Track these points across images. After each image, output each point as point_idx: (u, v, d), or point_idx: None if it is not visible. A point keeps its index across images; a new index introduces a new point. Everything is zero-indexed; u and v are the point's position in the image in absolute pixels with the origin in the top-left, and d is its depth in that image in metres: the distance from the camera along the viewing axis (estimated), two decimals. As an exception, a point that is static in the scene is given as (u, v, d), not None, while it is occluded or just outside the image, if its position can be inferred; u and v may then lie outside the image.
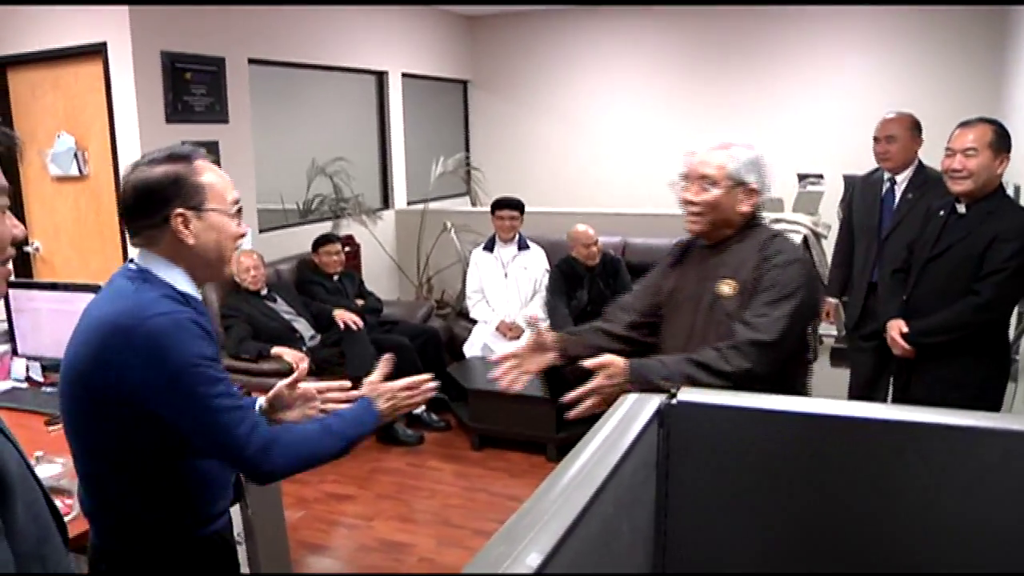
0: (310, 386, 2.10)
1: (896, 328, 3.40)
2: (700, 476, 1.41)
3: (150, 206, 1.70)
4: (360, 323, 5.33)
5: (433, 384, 2.08)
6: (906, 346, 3.35)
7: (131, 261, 1.78)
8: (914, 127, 4.03)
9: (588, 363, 2.21)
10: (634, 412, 1.33)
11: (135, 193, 1.71)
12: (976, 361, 3.23)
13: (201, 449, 1.72)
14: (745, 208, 2.34)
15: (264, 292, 5.26)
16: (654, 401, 1.37)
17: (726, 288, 2.32)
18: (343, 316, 5.32)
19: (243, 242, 5.56)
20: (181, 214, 1.71)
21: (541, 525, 0.93)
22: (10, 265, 1.29)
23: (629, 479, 1.22)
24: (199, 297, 1.79)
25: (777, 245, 2.32)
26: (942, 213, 3.33)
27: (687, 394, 1.40)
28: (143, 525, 1.75)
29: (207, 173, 1.75)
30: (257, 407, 2.05)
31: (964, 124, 3.23)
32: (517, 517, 0.95)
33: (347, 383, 2.15)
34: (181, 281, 1.74)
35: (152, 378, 1.61)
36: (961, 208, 3.23)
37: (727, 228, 2.37)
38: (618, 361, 2.21)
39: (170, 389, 1.62)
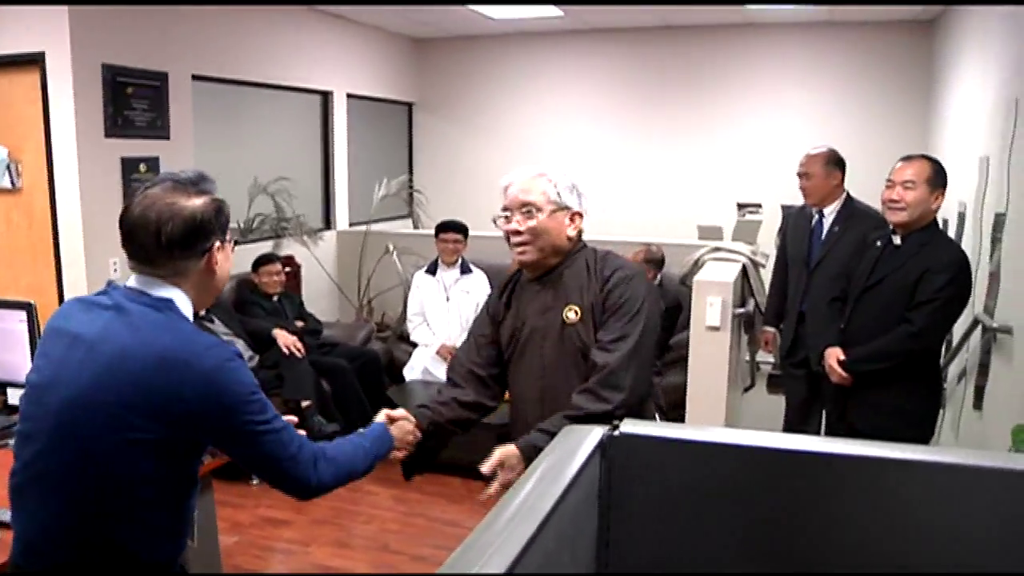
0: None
1: (833, 356, 3.48)
2: (642, 507, 1.42)
3: (197, 238, 1.69)
4: (301, 349, 5.27)
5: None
6: (843, 373, 3.43)
7: (127, 287, 1.72)
8: (829, 162, 4.13)
9: (485, 468, 2.26)
10: (576, 443, 1.33)
11: (184, 225, 1.67)
12: (910, 389, 3.33)
13: (253, 470, 1.82)
14: (571, 232, 2.35)
15: (202, 313, 5.17)
16: (596, 433, 1.38)
17: (572, 314, 2.31)
18: (284, 339, 5.25)
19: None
20: (219, 245, 1.73)
21: (484, 559, 0.92)
22: None
23: (572, 511, 1.22)
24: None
25: (612, 262, 2.35)
26: (879, 244, 3.43)
27: (629, 426, 1.40)
28: (127, 556, 1.69)
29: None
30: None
31: (906, 159, 3.35)
32: (461, 551, 0.94)
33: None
34: (189, 310, 1.73)
35: (210, 410, 1.62)
36: (897, 240, 3.34)
37: (555, 256, 2.36)
38: (511, 450, 2.25)
39: (228, 420, 1.65)
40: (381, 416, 2.29)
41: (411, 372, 5.73)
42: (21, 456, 1.70)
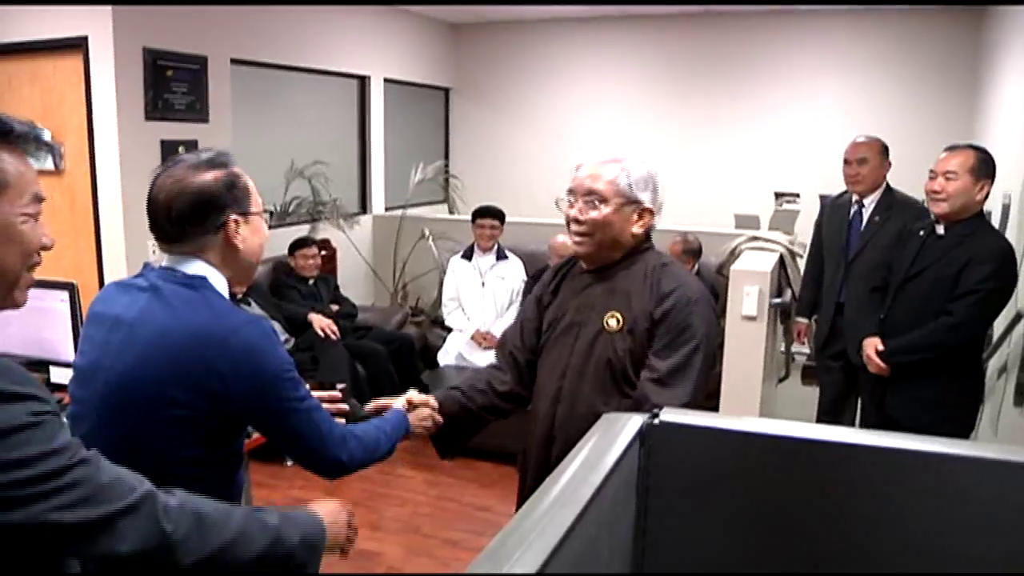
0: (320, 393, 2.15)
1: (872, 346, 3.45)
2: (679, 496, 1.41)
3: (207, 213, 1.70)
4: (336, 332, 5.31)
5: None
6: (881, 364, 3.40)
7: (164, 267, 1.74)
8: (883, 151, 4.10)
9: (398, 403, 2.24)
10: (616, 431, 1.33)
11: (190, 200, 1.69)
12: (950, 382, 3.29)
13: (284, 448, 1.81)
14: (637, 230, 2.16)
15: (239, 295, 5.23)
16: (636, 420, 1.37)
17: (613, 322, 2.14)
18: (319, 322, 5.30)
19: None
20: (235, 219, 1.72)
21: (526, 545, 0.92)
22: (34, 273, 1.31)
23: (611, 498, 1.21)
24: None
25: (671, 277, 2.14)
26: (921, 234, 3.39)
27: (669, 414, 1.40)
28: None
29: (246, 177, 1.78)
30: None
31: (950, 149, 3.30)
32: (503, 537, 0.94)
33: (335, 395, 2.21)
34: (224, 288, 1.74)
35: (246, 386, 1.63)
36: (940, 230, 3.29)
37: (615, 251, 2.18)
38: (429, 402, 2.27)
39: (263, 396, 1.66)
40: (401, 401, 2.23)
41: (445, 357, 5.75)
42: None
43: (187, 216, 1.69)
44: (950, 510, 1.31)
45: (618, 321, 2.13)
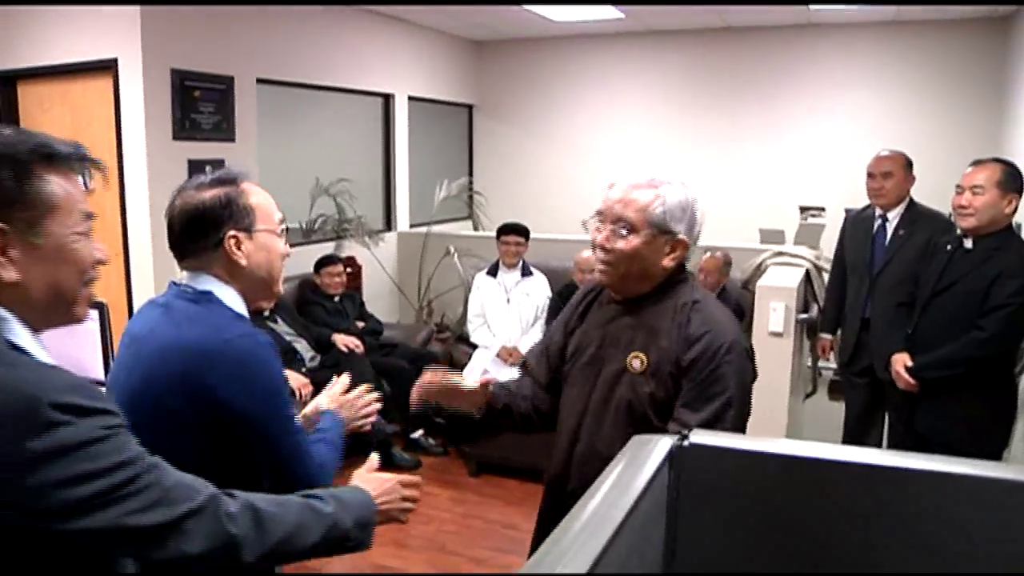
0: (346, 396, 2.15)
1: (900, 362, 3.42)
2: (708, 518, 1.40)
3: (205, 229, 1.72)
4: (360, 345, 5.33)
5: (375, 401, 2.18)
6: (910, 380, 3.37)
7: (180, 284, 1.78)
8: (908, 165, 4.08)
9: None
10: (646, 453, 1.32)
11: (187, 217, 1.73)
12: (981, 397, 3.26)
13: (270, 467, 1.75)
14: (668, 263, 1.98)
15: (265, 313, 5.26)
16: (665, 442, 1.37)
17: (636, 363, 1.98)
18: (343, 340, 5.32)
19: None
20: (234, 236, 1.73)
21: (561, 567, 0.93)
22: (92, 288, 1.34)
23: (642, 521, 1.21)
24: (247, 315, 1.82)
25: (702, 317, 1.96)
26: (949, 248, 3.36)
27: (699, 436, 1.39)
28: None
29: (255, 195, 1.79)
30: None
31: (976, 163, 3.28)
32: (535, 561, 0.95)
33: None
34: (238, 303, 1.77)
35: (241, 400, 1.64)
36: (968, 244, 3.27)
37: (643, 283, 2.01)
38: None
39: (259, 410, 1.66)
40: (326, 400, 2.13)
41: (471, 374, 5.73)
42: None
43: (187, 233, 1.74)
44: (988, 535, 1.29)
45: (642, 363, 1.97)
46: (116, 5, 4.88)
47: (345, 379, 2.17)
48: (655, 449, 1.33)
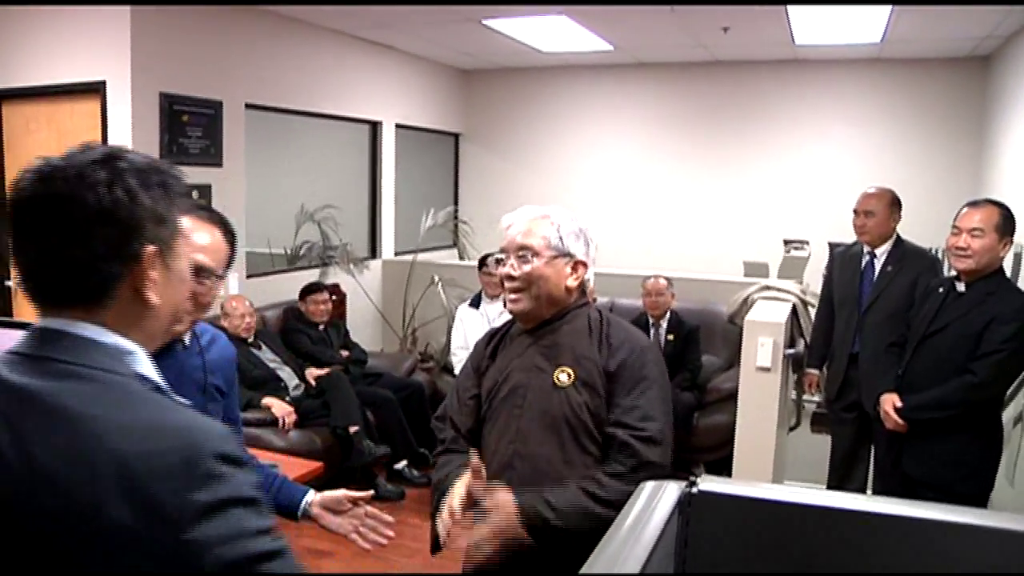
0: (367, 508, 2.10)
1: (890, 402, 3.42)
2: (716, 565, 1.38)
3: None
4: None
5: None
6: (899, 420, 3.37)
7: None
8: (892, 203, 4.11)
9: (456, 503, 1.97)
10: (654, 500, 1.30)
11: None
12: (970, 439, 3.26)
13: None
14: (572, 283, 2.13)
15: (250, 339, 5.21)
16: (673, 489, 1.35)
17: (564, 377, 2.07)
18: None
19: (231, 287, 5.47)
20: None
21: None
22: None
23: (652, 568, 1.19)
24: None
25: (619, 330, 2.12)
26: (941, 290, 3.37)
27: (708, 483, 1.37)
28: None
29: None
30: (307, 498, 2.10)
31: (972, 204, 3.29)
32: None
33: (391, 519, 2.11)
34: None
35: None
36: (961, 287, 3.28)
37: (552, 306, 2.13)
38: (509, 500, 1.93)
39: None
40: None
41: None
42: None
43: None
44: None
45: (569, 376, 2.06)
46: (106, 4, 4.87)
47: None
48: (663, 497, 1.32)
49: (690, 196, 8.13)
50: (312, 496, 2.10)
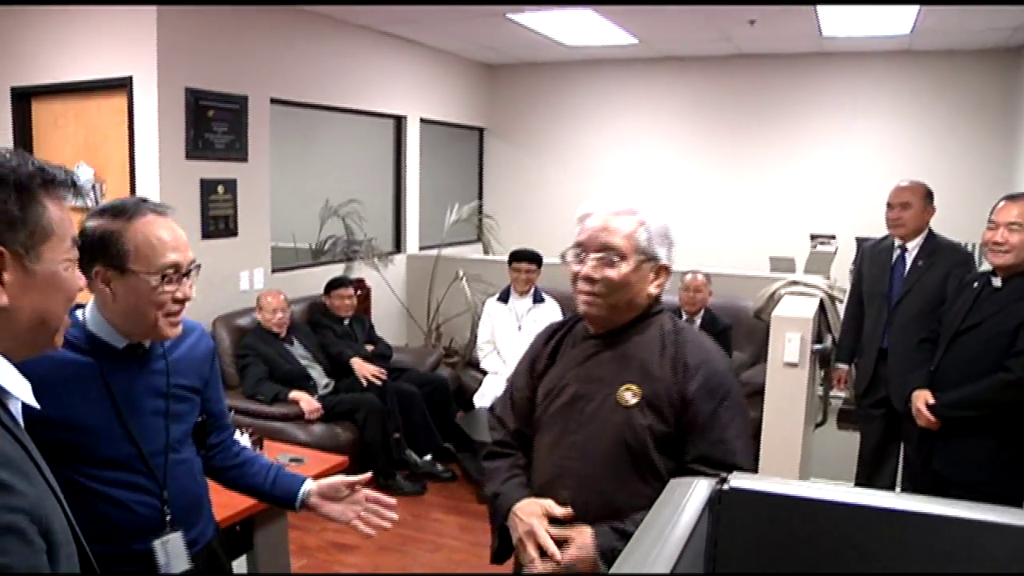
0: (366, 492, 2.09)
1: (922, 398, 3.36)
2: (747, 565, 1.36)
3: (81, 256, 1.73)
4: (384, 376, 5.28)
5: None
6: (931, 417, 3.31)
7: None
8: (927, 196, 4.05)
9: (553, 550, 1.79)
10: (685, 499, 1.29)
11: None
12: (1004, 440, 3.17)
13: None
14: (653, 290, 1.92)
15: (282, 334, 5.23)
16: (703, 486, 1.33)
17: (629, 396, 1.85)
18: (365, 370, 5.28)
19: (257, 281, 5.49)
20: (100, 272, 1.72)
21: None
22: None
23: (683, 567, 1.17)
24: (122, 344, 1.80)
25: (694, 347, 1.90)
26: (975, 285, 3.30)
27: (738, 480, 1.35)
28: None
29: (142, 234, 1.73)
30: (304, 487, 2.08)
31: (1010, 198, 3.22)
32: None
33: (393, 501, 2.11)
34: (96, 323, 1.79)
35: None
36: (997, 282, 3.21)
37: (628, 313, 1.92)
38: (587, 538, 1.79)
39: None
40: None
41: (481, 399, 5.70)
42: None
43: None
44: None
45: (634, 394, 1.85)
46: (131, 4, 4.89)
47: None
48: (694, 494, 1.30)
49: (715, 191, 8.07)
50: (310, 485, 2.08)
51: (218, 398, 2.12)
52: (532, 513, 1.87)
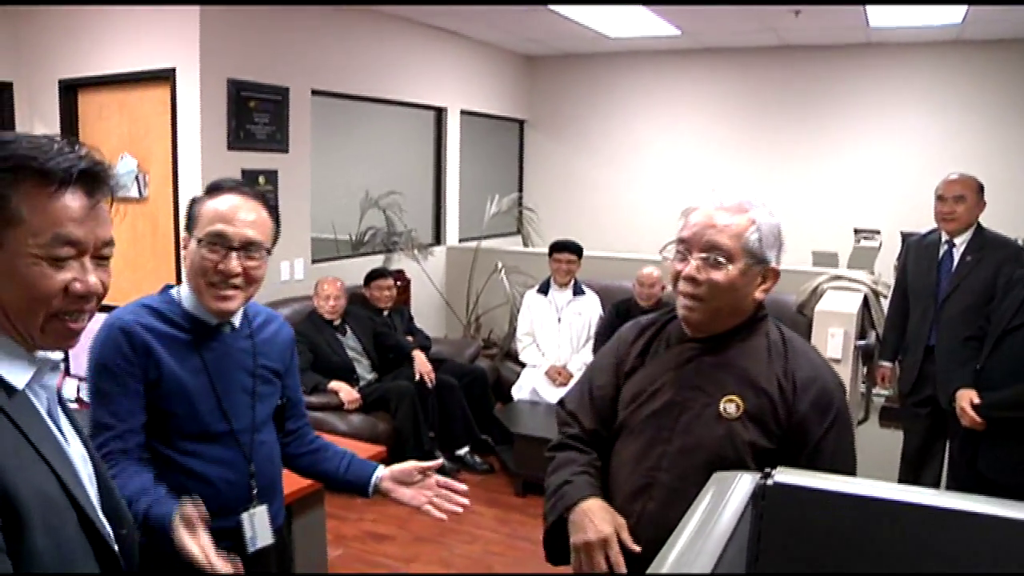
0: (438, 477, 2.10)
1: (967, 398, 3.29)
2: (792, 562, 1.33)
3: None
4: (433, 377, 5.30)
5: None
6: (976, 417, 3.24)
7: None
8: (980, 190, 3.96)
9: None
10: (727, 494, 1.26)
11: None
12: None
13: None
14: (760, 294, 1.78)
15: (336, 322, 5.26)
16: (747, 480, 1.30)
17: (732, 408, 1.73)
18: (424, 366, 5.32)
19: (297, 272, 5.51)
20: (185, 239, 1.92)
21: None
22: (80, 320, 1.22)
23: (726, 566, 1.15)
24: (214, 321, 1.91)
25: (803, 358, 1.77)
26: None
27: (783, 475, 1.32)
28: None
29: (209, 205, 1.84)
30: (377, 473, 2.09)
31: None
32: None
33: (464, 487, 2.11)
34: (185, 295, 1.92)
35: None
36: (1047, 280, 3.13)
37: (731, 318, 1.79)
38: None
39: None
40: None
41: (519, 392, 5.69)
42: None
43: None
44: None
45: (737, 407, 1.72)
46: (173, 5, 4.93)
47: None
48: (737, 488, 1.27)
49: (757, 184, 7.95)
50: (382, 471, 2.10)
51: (296, 386, 2.18)
52: (611, 522, 1.76)
